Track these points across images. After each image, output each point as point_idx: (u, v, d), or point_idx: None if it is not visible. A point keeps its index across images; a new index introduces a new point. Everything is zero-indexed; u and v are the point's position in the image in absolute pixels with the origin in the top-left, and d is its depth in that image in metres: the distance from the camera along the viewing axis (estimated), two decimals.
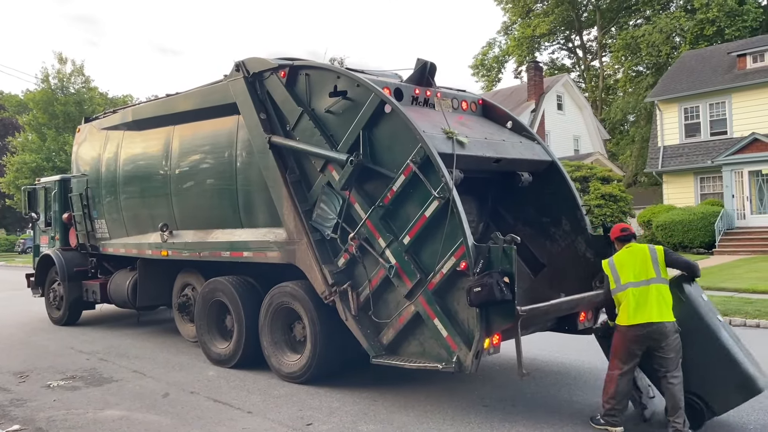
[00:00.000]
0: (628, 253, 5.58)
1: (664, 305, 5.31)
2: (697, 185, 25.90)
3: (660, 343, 5.28)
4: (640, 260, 5.47)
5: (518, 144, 7.33)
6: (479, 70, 52.27)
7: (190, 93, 9.11)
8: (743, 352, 5.42)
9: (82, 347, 10.02)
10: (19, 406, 6.90)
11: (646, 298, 5.31)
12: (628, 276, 5.45)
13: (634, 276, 5.42)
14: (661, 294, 5.34)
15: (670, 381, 5.28)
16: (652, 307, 5.28)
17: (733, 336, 5.53)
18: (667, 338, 5.26)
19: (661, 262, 5.45)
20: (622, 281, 5.48)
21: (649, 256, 5.47)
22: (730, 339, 5.41)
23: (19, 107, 47.16)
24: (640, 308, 5.31)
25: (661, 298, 5.32)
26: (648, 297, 5.32)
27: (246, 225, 8.09)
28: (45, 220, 13.43)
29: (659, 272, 5.41)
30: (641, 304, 5.32)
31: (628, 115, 43.35)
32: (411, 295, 6.09)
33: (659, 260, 5.46)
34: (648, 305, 5.29)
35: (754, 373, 5.28)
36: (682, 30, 38.49)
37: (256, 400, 6.76)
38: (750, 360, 5.41)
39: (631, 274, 5.43)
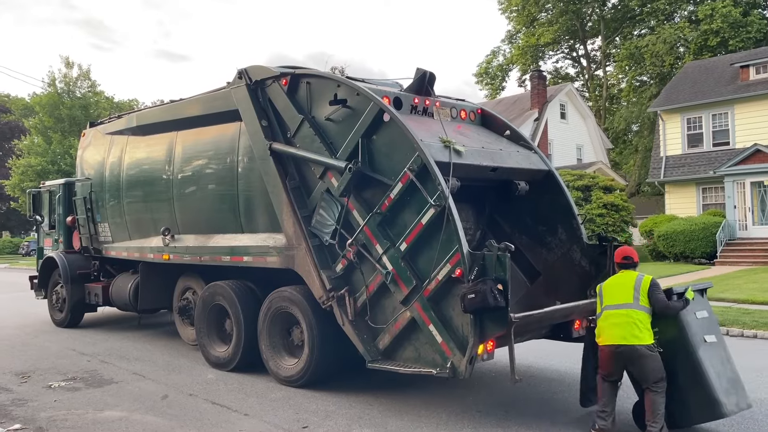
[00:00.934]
0: (617, 279, 5.74)
1: (635, 329, 5.40)
2: (699, 195, 25.94)
3: (633, 363, 5.45)
4: (625, 286, 5.61)
5: (515, 153, 7.43)
6: (483, 78, 52.44)
7: (193, 99, 9.25)
8: (721, 375, 5.53)
9: (84, 349, 10.13)
10: (20, 405, 7.00)
11: (615, 322, 5.49)
12: (611, 299, 5.63)
13: (615, 300, 5.59)
14: (632, 319, 5.43)
15: (652, 389, 5.40)
16: (620, 331, 5.44)
17: (718, 357, 5.63)
18: (640, 359, 5.39)
19: (643, 291, 5.53)
20: (605, 303, 5.67)
21: (633, 284, 5.58)
22: (707, 359, 5.49)
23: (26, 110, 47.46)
24: (608, 330, 5.51)
25: (632, 323, 5.42)
26: (617, 320, 5.48)
27: (246, 230, 8.20)
28: (49, 223, 13.56)
29: (637, 299, 5.51)
30: (610, 326, 5.51)
31: (631, 125, 43.40)
32: (407, 301, 6.18)
33: (642, 289, 5.54)
34: (616, 328, 5.46)
35: (721, 398, 5.40)
36: (685, 40, 38.62)
37: (253, 402, 6.84)
38: (726, 383, 5.53)
39: (611, 298, 5.62)
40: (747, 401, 5.66)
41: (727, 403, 5.42)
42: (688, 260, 22.52)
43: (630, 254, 5.83)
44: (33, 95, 42.66)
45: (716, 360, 5.61)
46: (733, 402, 5.49)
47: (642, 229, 25.27)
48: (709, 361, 5.53)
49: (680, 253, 22.60)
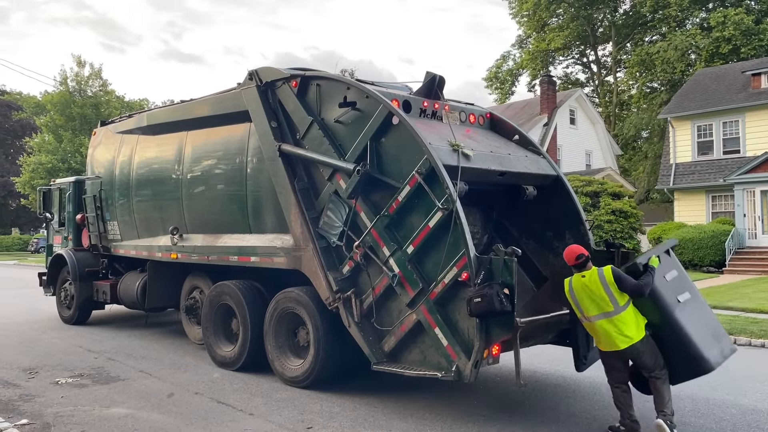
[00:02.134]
0: (585, 284, 5.65)
1: (628, 331, 5.49)
2: (708, 203, 25.81)
3: (633, 360, 5.65)
4: (597, 292, 5.57)
5: (524, 158, 7.43)
6: (493, 83, 52.39)
7: (203, 100, 9.31)
8: (701, 330, 5.64)
9: (91, 346, 10.19)
10: (27, 401, 7.05)
11: (606, 331, 5.55)
12: (591, 309, 5.61)
13: (596, 309, 5.58)
14: (620, 324, 5.50)
15: (655, 376, 5.55)
16: (617, 338, 5.51)
17: (695, 312, 5.71)
18: (640, 356, 5.56)
19: (613, 288, 5.52)
20: (587, 314, 5.66)
21: (602, 287, 5.54)
22: (683, 318, 5.57)
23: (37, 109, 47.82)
24: (609, 339, 5.56)
25: (620, 328, 5.49)
26: (607, 330, 5.53)
27: (254, 230, 8.24)
28: (59, 221, 13.66)
29: (615, 302, 5.51)
30: (608, 335, 5.55)
31: (641, 132, 43.23)
32: (413, 303, 6.19)
33: (611, 286, 5.52)
34: (614, 336, 5.52)
35: (705, 353, 5.53)
36: (697, 47, 38.46)
37: (258, 402, 6.87)
38: (707, 337, 5.66)
39: (594, 307, 5.59)
40: (730, 346, 5.85)
41: (711, 356, 5.57)
42: (696, 268, 22.40)
43: (581, 252, 5.78)
44: (44, 93, 43.02)
45: (694, 316, 5.68)
46: (717, 353, 5.64)
47: (650, 236, 25.15)
48: (686, 319, 5.59)
49: (688, 261, 22.48)
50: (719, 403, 6.83)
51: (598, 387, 7.39)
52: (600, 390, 7.26)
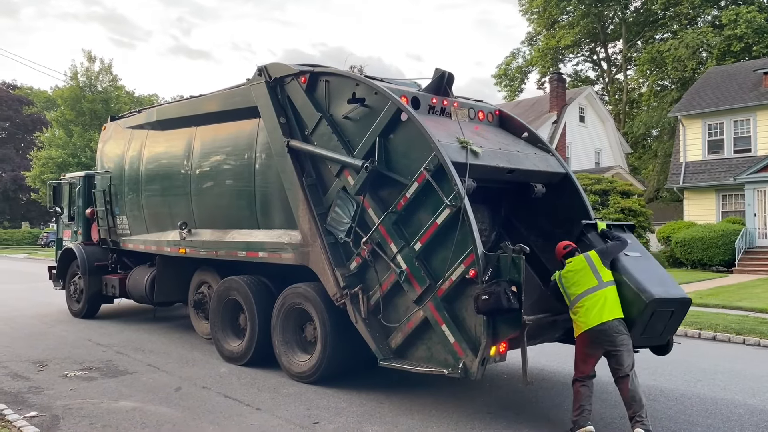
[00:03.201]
0: (570, 269, 5.83)
1: (612, 305, 5.60)
2: (718, 202, 25.65)
3: (614, 341, 5.54)
4: (583, 271, 5.75)
5: (533, 155, 7.40)
6: (502, 80, 52.24)
7: (212, 95, 9.33)
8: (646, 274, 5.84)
9: (100, 340, 10.26)
10: (37, 393, 7.11)
11: (597, 302, 5.60)
12: (578, 289, 5.73)
13: (583, 286, 5.71)
14: (608, 297, 5.63)
15: (629, 375, 5.52)
16: (605, 309, 5.57)
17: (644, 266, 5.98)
18: (618, 335, 5.54)
19: (598, 266, 5.72)
20: (571, 297, 5.77)
21: (588, 266, 5.74)
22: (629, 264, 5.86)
23: (48, 103, 48.12)
24: (590, 312, 5.59)
25: (609, 300, 5.61)
26: (594, 303, 5.61)
27: (262, 226, 8.26)
28: (68, 215, 13.75)
29: (600, 279, 5.68)
30: (595, 306, 5.59)
31: (651, 130, 42.98)
32: (420, 300, 6.19)
33: (596, 265, 5.73)
34: (601, 307, 5.58)
35: (647, 287, 5.67)
36: (708, 46, 38.15)
37: (265, 397, 6.90)
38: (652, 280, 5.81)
39: (580, 286, 5.72)
40: (680, 291, 5.94)
41: (653, 290, 5.65)
42: (705, 268, 22.28)
43: (567, 243, 6.09)
44: (55, 88, 43.25)
45: (640, 266, 5.92)
46: (660, 290, 5.71)
47: (659, 235, 25.03)
48: (631, 266, 5.85)
49: (698, 261, 22.37)
50: (728, 402, 6.79)
51: (604, 386, 7.36)
52: (606, 389, 7.23)
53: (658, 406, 6.58)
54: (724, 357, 9.24)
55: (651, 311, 5.67)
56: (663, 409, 6.47)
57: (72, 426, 5.99)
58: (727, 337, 10.51)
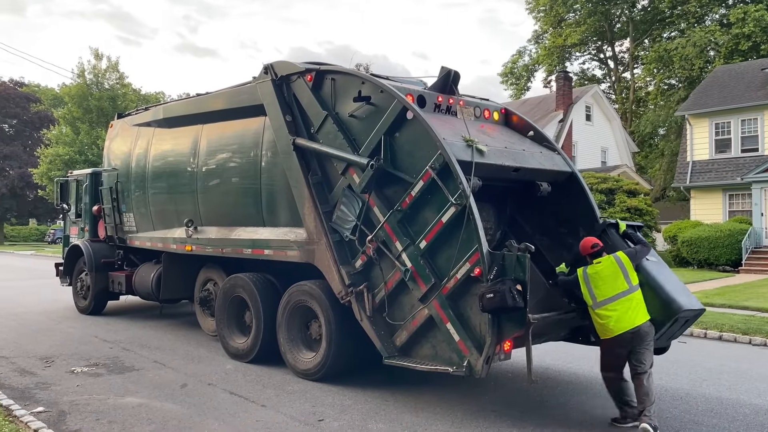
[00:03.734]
0: (600, 270, 5.90)
1: (642, 308, 5.78)
2: (725, 202, 25.53)
3: (643, 342, 5.73)
4: (614, 274, 5.84)
5: (538, 154, 7.39)
6: (508, 78, 52.07)
7: (219, 93, 9.36)
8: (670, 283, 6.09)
9: (106, 336, 10.32)
10: (44, 389, 7.16)
11: (629, 307, 5.73)
12: (607, 292, 5.80)
13: (614, 290, 5.79)
14: (638, 301, 5.79)
15: (647, 373, 5.70)
16: (636, 313, 5.73)
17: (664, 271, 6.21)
18: (648, 336, 5.75)
19: (629, 269, 5.85)
20: (600, 298, 5.83)
21: (619, 269, 5.84)
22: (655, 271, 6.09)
23: (55, 101, 48.28)
24: (627, 316, 5.71)
25: (639, 304, 5.78)
26: (631, 305, 5.73)
27: (268, 224, 8.29)
28: (75, 212, 13.82)
29: (630, 282, 5.81)
30: (627, 311, 5.71)
31: (657, 129, 42.79)
32: (425, 298, 6.20)
33: (627, 269, 5.85)
34: (633, 311, 5.72)
35: (675, 297, 5.94)
36: (716, 44, 37.95)
37: (270, 394, 6.92)
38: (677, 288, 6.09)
39: (611, 288, 5.80)
40: (699, 304, 6.21)
41: (681, 300, 5.94)
42: (712, 267, 22.19)
43: (595, 241, 6.16)
44: (62, 86, 43.37)
45: (663, 273, 6.15)
46: (686, 301, 6.00)
47: (666, 234, 24.94)
48: (656, 272, 6.08)
49: (704, 260, 22.27)
50: (733, 402, 6.78)
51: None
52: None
53: (663, 405, 6.56)
54: (729, 357, 9.21)
55: (674, 319, 5.95)
56: (668, 409, 6.46)
57: (78, 421, 6.03)
58: (733, 337, 10.47)
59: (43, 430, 5.61)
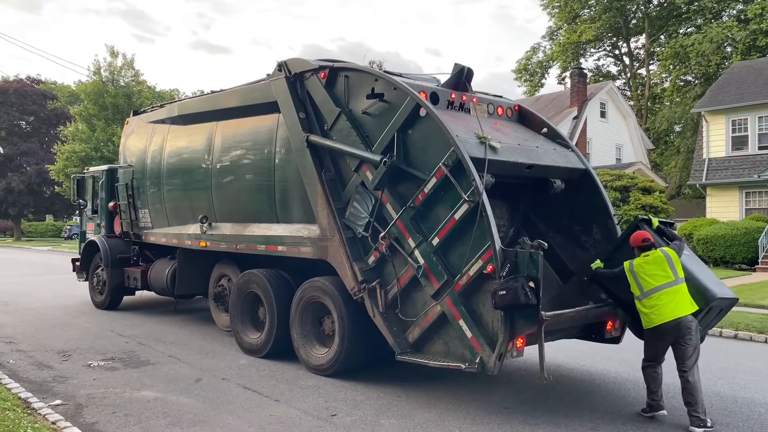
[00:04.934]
0: (648, 262, 5.97)
1: (687, 299, 5.89)
2: (741, 199, 25.24)
3: (684, 335, 5.81)
4: (661, 266, 5.95)
5: (552, 151, 7.37)
6: (522, 75, 51.83)
7: (233, 90, 9.41)
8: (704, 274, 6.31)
9: (122, 331, 10.44)
10: (61, 382, 7.27)
11: (676, 296, 5.85)
12: (654, 282, 5.91)
13: (661, 280, 5.90)
14: (684, 292, 5.91)
15: (692, 374, 5.78)
16: (682, 303, 5.84)
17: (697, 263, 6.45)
18: (691, 330, 5.81)
19: (676, 262, 5.99)
20: (647, 288, 5.91)
21: (666, 261, 5.96)
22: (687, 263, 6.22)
23: (71, 98, 48.72)
24: (674, 305, 5.82)
25: (685, 295, 5.90)
26: (677, 295, 5.86)
27: (281, 220, 8.34)
28: (92, 208, 13.96)
29: (677, 274, 5.94)
30: (674, 300, 5.84)
31: (673, 126, 42.39)
32: (438, 295, 6.22)
33: (674, 261, 5.98)
34: (679, 301, 5.84)
35: (708, 285, 6.15)
36: (733, 40, 37.51)
37: (284, 389, 6.98)
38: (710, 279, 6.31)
39: (657, 279, 5.91)
40: (732, 293, 6.43)
41: (714, 288, 6.15)
42: (728, 265, 21.97)
43: (647, 236, 6.21)
44: (78, 83, 43.76)
45: (697, 265, 6.38)
46: (718, 289, 6.21)
47: (681, 232, 24.69)
48: (690, 263, 6.24)
49: (720, 258, 22.05)
50: (748, 401, 6.73)
51: (623, 383, 7.35)
52: (624, 386, 7.22)
53: (677, 403, 6.50)
54: (745, 355, 9.14)
55: (709, 308, 6.09)
56: (682, 407, 6.39)
57: (95, 414, 6.12)
58: (749, 336, 10.39)
59: (60, 422, 5.70)
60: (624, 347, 7.27)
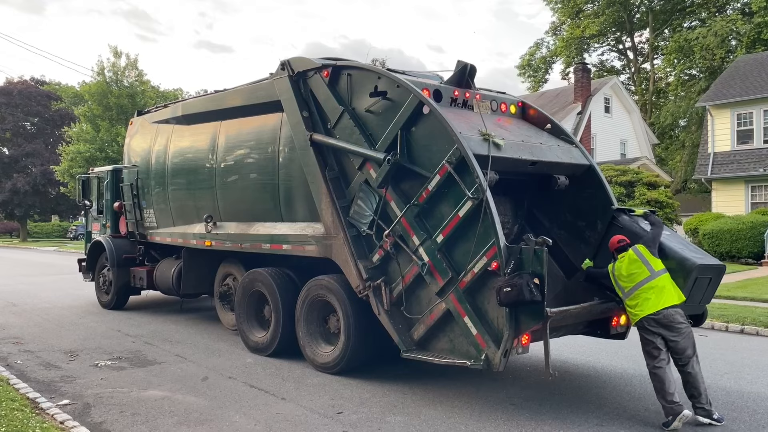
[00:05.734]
0: (624, 264, 6.09)
1: (668, 294, 5.87)
2: (747, 194, 25.17)
3: (672, 328, 5.80)
4: (635, 266, 6.00)
5: (556, 147, 7.36)
6: (525, 71, 51.71)
7: (236, 90, 9.43)
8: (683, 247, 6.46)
9: (129, 330, 10.48)
10: (68, 382, 7.31)
11: (649, 294, 5.86)
12: (632, 281, 5.99)
13: (637, 278, 5.96)
14: (665, 283, 5.92)
15: (692, 366, 5.82)
16: (666, 294, 5.86)
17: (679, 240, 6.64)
18: (674, 323, 5.80)
19: (648, 258, 6.00)
20: (626, 290, 6.04)
21: (638, 259, 6.01)
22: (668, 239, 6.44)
23: (75, 99, 48.73)
24: (646, 302, 5.86)
25: (666, 286, 5.90)
26: (657, 288, 5.87)
27: (286, 219, 8.35)
28: (97, 208, 14.00)
29: (652, 269, 5.95)
30: (645, 299, 5.86)
31: (678, 120, 42.23)
32: (442, 292, 6.22)
33: (646, 257, 6.01)
34: (655, 296, 5.85)
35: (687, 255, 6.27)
36: (738, 33, 37.31)
37: (290, 387, 7.00)
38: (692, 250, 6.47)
39: (634, 278, 5.98)
40: (716, 261, 6.51)
41: (692, 257, 6.23)
42: (734, 260, 21.89)
43: (621, 237, 6.32)
44: (82, 83, 43.82)
45: (676, 239, 6.58)
46: (701, 258, 6.31)
47: (687, 227, 24.65)
48: (669, 240, 6.42)
49: (726, 253, 21.97)
50: (754, 396, 6.72)
51: (629, 379, 7.35)
52: (631, 382, 7.22)
53: (682, 398, 6.49)
54: (751, 350, 9.11)
55: (694, 279, 6.13)
56: (687, 402, 6.40)
57: (103, 414, 6.16)
58: (755, 330, 10.37)
59: (68, 422, 5.74)
60: (629, 343, 7.27)
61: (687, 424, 5.72)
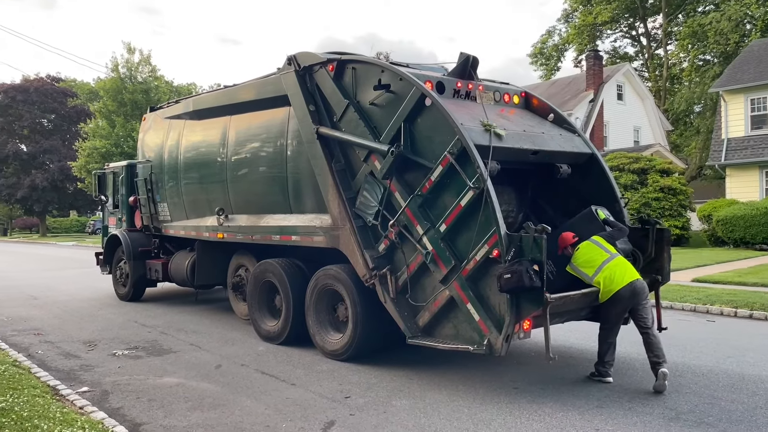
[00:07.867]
0: (581, 252, 6.62)
1: (631, 269, 6.51)
2: (762, 179, 24.95)
3: (641, 298, 6.43)
4: (593, 251, 6.56)
5: (558, 136, 7.47)
6: (538, 59, 51.42)
7: (245, 85, 9.61)
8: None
9: (145, 321, 10.77)
10: (87, 371, 7.59)
11: (614, 271, 6.41)
12: (594, 265, 6.50)
13: (598, 262, 6.48)
14: (624, 262, 6.54)
15: (653, 330, 6.46)
16: (628, 271, 6.46)
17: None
18: (645, 291, 6.48)
19: (605, 244, 6.59)
20: (590, 274, 6.53)
21: (595, 246, 6.58)
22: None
23: (91, 95, 49.34)
24: (614, 278, 6.39)
25: (626, 265, 6.52)
26: (620, 266, 6.46)
27: (295, 211, 8.55)
28: (113, 203, 14.29)
29: (609, 252, 6.56)
30: (613, 275, 6.40)
31: (692, 106, 41.82)
32: (446, 280, 6.38)
33: (603, 243, 6.59)
34: (625, 271, 6.44)
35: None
36: (752, 18, 36.84)
37: (300, 373, 7.22)
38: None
39: (593, 264, 6.50)
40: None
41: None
42: (748, 246, 21.78)
43: (573, 234, 6.80)
44: (97, 80, 44.37)
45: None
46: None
47: (700, 213, 24.53)
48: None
49: (740, 239, 21.87)
50: (754, 378, 6.82)
51: (631, 363, 7.47)
52: (633, 365, 7.34)
53: (684, 381, 6.65)
54: (759, 335, 9.18)
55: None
56: (688, 384, 6.55)
57: (120, 400, 6.41)
58: (764, 315, 10.40)
59: (87, 407, 5.99)
60: (632, 328, 7.36)
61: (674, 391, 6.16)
